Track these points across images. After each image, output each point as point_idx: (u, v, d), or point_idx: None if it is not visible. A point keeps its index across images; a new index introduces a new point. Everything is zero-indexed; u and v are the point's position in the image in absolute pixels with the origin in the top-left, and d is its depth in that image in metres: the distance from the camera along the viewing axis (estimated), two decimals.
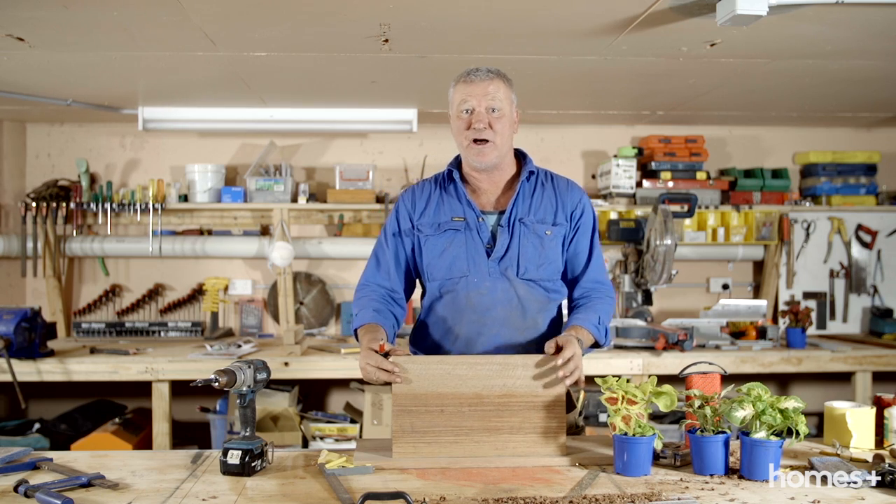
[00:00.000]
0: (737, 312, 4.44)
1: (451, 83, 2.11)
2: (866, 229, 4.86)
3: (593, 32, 2.94)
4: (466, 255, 2.06)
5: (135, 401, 4.48)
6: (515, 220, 2.08)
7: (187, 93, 4.03)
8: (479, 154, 2.04)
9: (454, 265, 2.07)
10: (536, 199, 2.11)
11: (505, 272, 2.06)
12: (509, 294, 2.06)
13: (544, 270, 2.08)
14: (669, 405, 1.73)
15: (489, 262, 2.06)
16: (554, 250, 2.10)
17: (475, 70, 2.06)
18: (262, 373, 1.85)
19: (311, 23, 2.83)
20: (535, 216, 2.09)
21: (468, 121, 2.04)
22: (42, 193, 4.47)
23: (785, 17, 2.65)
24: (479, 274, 2.06)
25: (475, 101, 2.02)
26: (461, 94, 2.05)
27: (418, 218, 2.14)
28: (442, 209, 2.12)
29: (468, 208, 2.10)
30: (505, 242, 2.06)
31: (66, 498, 1.51)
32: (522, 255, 2.06)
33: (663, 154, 4.64)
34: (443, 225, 2.10)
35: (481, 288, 2.05)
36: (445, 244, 2.09)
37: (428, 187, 2.18)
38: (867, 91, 3.95)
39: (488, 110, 2.02)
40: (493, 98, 2.02)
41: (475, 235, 2.07)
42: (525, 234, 2.07)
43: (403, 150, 4.79)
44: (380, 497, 1.48)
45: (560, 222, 2.11)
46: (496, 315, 2.06)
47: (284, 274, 4.55)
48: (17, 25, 2.84)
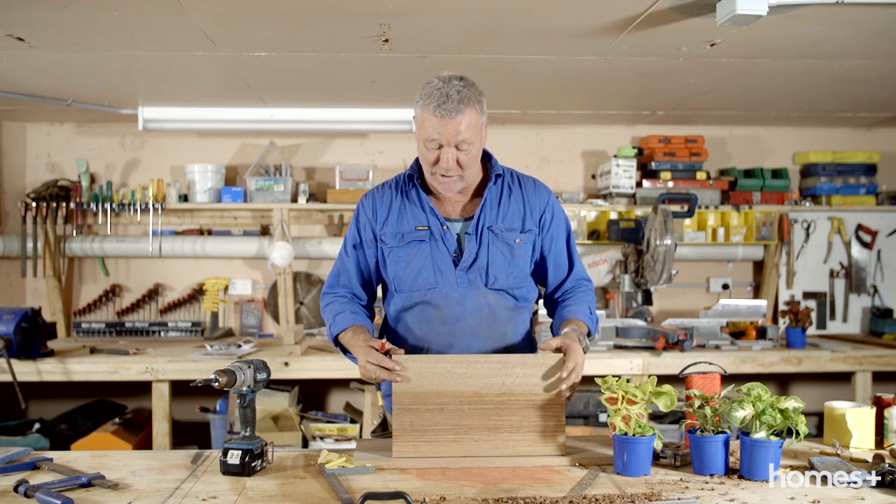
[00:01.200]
0: (737, 312, 4.44)
1: (418, 100, 1.93)
2: (866, 229, 4.86)
3: (593, 32, 2.94)
4: (433, 266, 2.00)
5: (135, 401, 4.48)
6: (484, 228, 2.01)
7: (187, 93, 4.03)
8: (445, 186, 1.97)
9: (420, 276, 2.00)
10: (504, 204, 2.04)
11: (473, 282, 2.00)
12: (479, 303, 2.00)
13: (514, 279, 2.04)
14: (669, 405, 1.73)
15: (457, 271, 2.00)
16: (523, 258, 2.05)
17: (444, 100, 1.87)
18: (262, 373, 1.85)
19: (311, 23, 2.83)
20: (504, 223, 2.03)
21: (436, 157, 1.92)
22: (42, 193, 4.47)
23: (785, 17, 2.65)
24: (447, 285, 1.99)
25: (444, 140, 1.89)
26: (430, 127, 1.90)
27: (380, 228, 2.05)
28: (404, 217, 2.04)
29: (432, 216, 2.02)
30: (473, 251, 2.00)
31: (66, 498, 1.51)
32: (492, 265, 2.00)
33: (663, 154, 4.64)
34: (406, 235, 2.02)
35: (450, 299, 2.00)
36: (410, 255, 2.01)
37: (388, 193, 2.08)
38: (867, 91, 3.95)
39: (457, 147, 1.91)
40: (464, 136, 1.89)
41: (440, 245, 2.00)
42: (494, 242, 2.01)
43: (403, 150, 4.79)
44: (380, 497, 1.48)
45: (529, 228, 2.05)
46: (466, 325, 2.01)
47: (284, 274, 4.55)
48: (17, 25, 2.84)
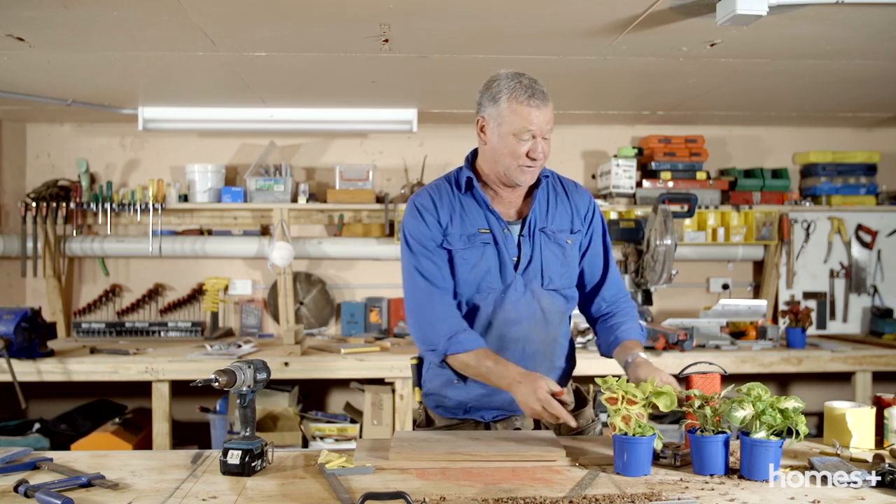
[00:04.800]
0: (737, 312, 4.44)
1: (501, 94, 1.93)
2: (866, 229, 4.86)
3: (593, 32, 2.94)
4: (498, 269, 2.00)
5: (135, 401, 4.48)
6: (536, 230, 2.02)
7: (187, 93, 4.03)
8: (527, 176, 1.97)
9: (485, 280, 1.99)
10: (552, 205, 2.07)
11: (529, 284, 2.01)
12: (533, 307, 2.01)
13: (567, 279, 2.06)
14: (669, 405, 1.73)
15: (517, 274, 2.00)
16: (574, 258, 2.08)
17: (533, 92, 1.92)
18: (262, 373, 1.85)
19: (311, 23, 2.83)
20: (554, 224, 2.05)
21: (528, 148, 1.92)
22: (42, 193, 4.47)
23: (785, 17, 2.65)
24: (508, 287, 1.99)
25: (537, 129, 1.92)
26: (522, 116, 1.91)
27: (445, 227, 2.02)
28: (466, 219, 2.02)
29: (493, 219, 2.02)
30: (528, 253, 2.01)
31: (66, 498, 1.51)
32: (546, 266, 2.01)
33: (663, 154, 4.64)
34: (472, 238, 2.00)
35: (507, 303, 1.99)
36: (476, 258, 2.00)
37: (446, 194, 2.05)
38: (867, 91, 3.95)
39: (543, 137, 1.94)
40: (550, 126, 1.95)
41: (503, 248, 2.00)
42: (546, 243, 2.02)
43: (403, 150, 4.79)
44: (380, 497, 1.48)
45: (577, 228, 2.08)
46: (521, 329, 2.01)
47: (284, 274, 4.55)
48: (17, 25, 2.84)
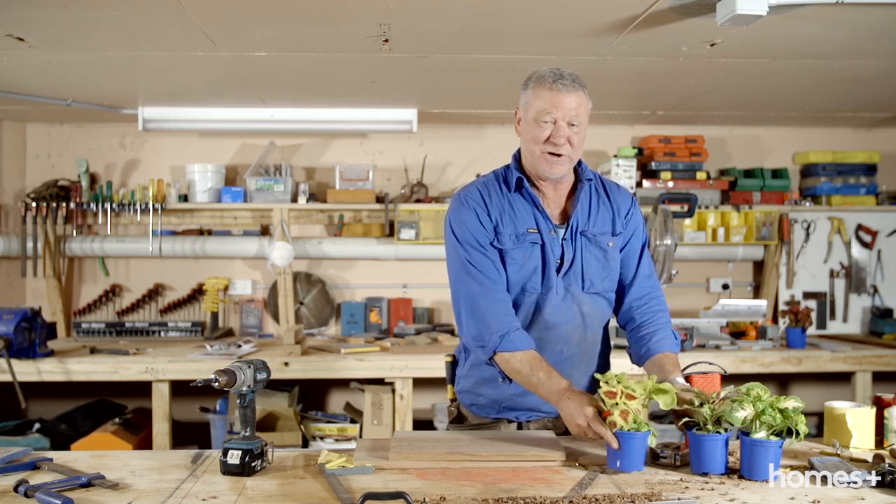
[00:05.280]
0: (737, 312, 4.44)
1: (528, 83, 1.97)
2: (866, 229, 4.86)
3: (593, 32, 2.94)
4: (544, 270, 1.98)
5: (135, 401, 4.47)
6: (577, 233, 2.01)
7: (187, 93, 4.03)
8: (552, 166, 1.95)
9: (530, 281, 1.97)
10: (594, 208, 2.05)
11: (569, 287, 1.99)
12: (573, 310, 2.00)
13: (608, 282, 2.04)
14: (670, 403, 1.72)
15: (557, 277, 1.99)
16: (616, 261, 2.05)
17: (560, 77, 1.92)
18: (262, 373, 1.85)
19: (311, 23, 2.83)
20: (596, 227, 2.03)
21: (548, 132, 1.92)
22: (42, 193, 4.47)
23: (785, 17, 2.65)
24: (550, 289, 1.98)
25: (559, 113, 1.91)
26: (544, 101, 1.92)
27: (495, 226, 2.00)
28: (515, 219, 2.00)
29: (543, 219, 2.00)
30: (570, 256, 1.99)
31: (66, 498, 1.51)
32: (587, 269, 2.00)
33: (663, 154, 4.64)
34: (521, 237, 1.98)
35: (548, 305, 1.98)
36: (525, 258, 1.98)
37: (495, 192, 2.03)
38: (867, 91, 3.95)
39: (569, 124, 1.93)
40: (576, 112, 1.92)
41: (549, 250, 1.99)
42: (587, 246, 2.01)
43: (403, 150, 4.79)
44: (380, 497, 1.48)
45: (619, 231, 2.06)
46: (560, 332, 2.00)
47: (284, 274, 4.55)
48: (17, 25, 2.84)
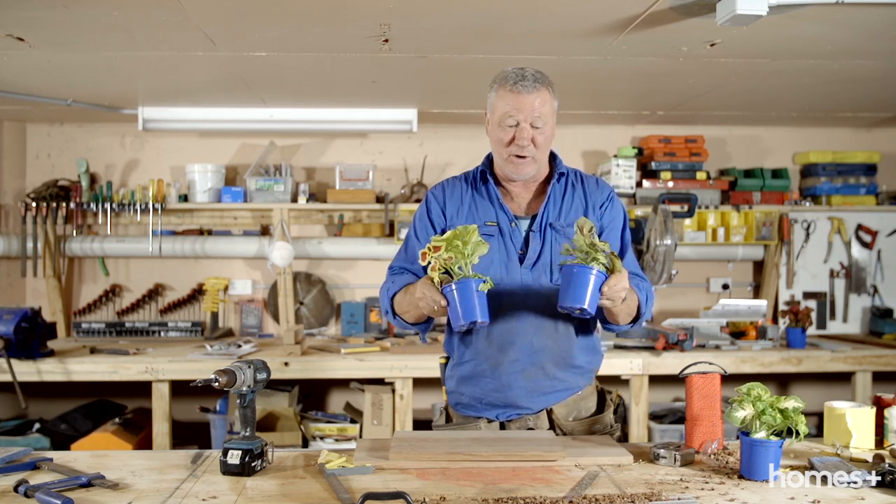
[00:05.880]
0: (737, 312, 4.44)
1: (493, 84, 2.01)
2: (866, 229, 4.86)
3: (593, 32, 2.94)
4: (500, 263, 2.01)
5: (135, 401, 4.48)
6: (546, 226, 2.03)
7: (187, 93, 4.03)
8: (517, 168, 1.99)
9: (488, 273, 1.96)
10: (567, 202, 2.07)
11: (538, 279, 2.01)
12: (541, 302, 2.01)
13: None
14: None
15: (521, 268, 2.02)
16: None
17: (522, 77, 1.95)
18: (262, 373, 1.85)
19: (311, 23, 2.83)
20: (566, 220, 2.04)
21: (511, 135, 1.96)
22: (42, 193, 4.47)
23: (785, 17, 2.65)
24: (512, 282, 2.01)
25: (521, 115, 1.94)
26: (506, 104, 1.96)
27: (449, 221, 2.07)
28: (475, 212, 2.06)
29: (501, 212, 2.05)
30: (537, 249, 2.02)
31: (66, 498, 1.51)
32: (555, 261, 2.00)
33: (663, 154, 4.64)
34: (479, 230, 2.02)
35: (514, 296, 2.00)
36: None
37: (459, 187, 2.11)
38: (867, 91, 3.95)
39: (533, 125, 1.95)
40: (539, 113, 1.95)
41: (508, 241, 2.03)
42: (556, 239, 2.02)
43: (403, 150, 4.79)
44: (380, 497, 1.48)
45: None
46: (528, 324, 2.02)
47: (284, 274, 4.55)
48: (17, 25, 2.84)
